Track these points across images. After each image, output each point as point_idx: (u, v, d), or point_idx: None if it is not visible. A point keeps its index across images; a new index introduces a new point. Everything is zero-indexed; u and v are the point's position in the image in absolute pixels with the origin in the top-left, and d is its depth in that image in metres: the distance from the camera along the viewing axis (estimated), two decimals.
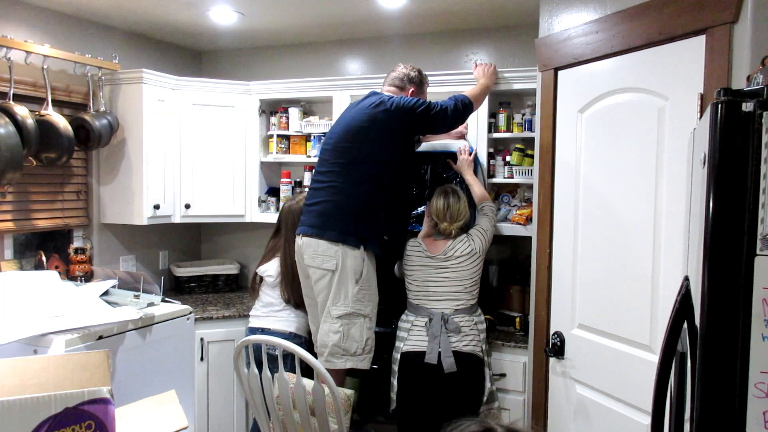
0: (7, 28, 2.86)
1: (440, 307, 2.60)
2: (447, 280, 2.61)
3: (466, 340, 2.56)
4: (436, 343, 2.54)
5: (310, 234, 2.61)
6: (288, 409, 2.40)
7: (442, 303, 2.60)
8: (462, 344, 2.55)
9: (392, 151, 2.64)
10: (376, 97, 2.66)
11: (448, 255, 2.61)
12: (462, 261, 2.60)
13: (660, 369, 1.31)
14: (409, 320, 2.65)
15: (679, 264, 1.73)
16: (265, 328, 2.89)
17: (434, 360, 2.53)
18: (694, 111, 1.77)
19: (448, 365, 2.52)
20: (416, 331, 2.61)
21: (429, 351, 2.54)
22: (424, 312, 2.61)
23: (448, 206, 2.64)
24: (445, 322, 2.56)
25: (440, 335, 2.54)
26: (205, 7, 3.09)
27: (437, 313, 2.58)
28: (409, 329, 2.62)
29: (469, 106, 2.68)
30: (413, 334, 2.61)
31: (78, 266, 3.19)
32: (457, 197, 2.66)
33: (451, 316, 2.57)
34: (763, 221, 1.01)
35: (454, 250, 2.61)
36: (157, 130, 3.28)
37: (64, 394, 1.43)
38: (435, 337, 2.55)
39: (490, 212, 2.76)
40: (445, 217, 2.64)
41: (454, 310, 2.59)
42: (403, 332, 2.65)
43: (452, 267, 2.60)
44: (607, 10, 2.14)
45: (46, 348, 2.14)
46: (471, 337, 2.58)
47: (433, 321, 2.57)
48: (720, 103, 1.04)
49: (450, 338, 2.54)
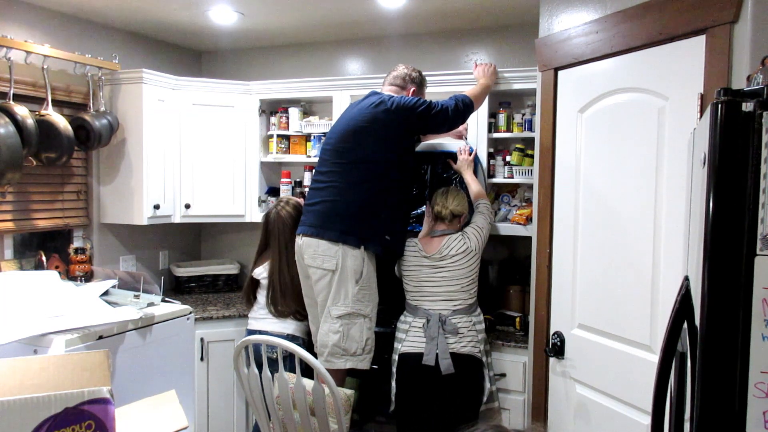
0: (7, 28, 2.86)
1: (437, 308, 2.59)
2: (443, 279, 2.60)
3: (464, 342, 2.56)
4: (433, 344, 2.54)
5: (311, 234, 2.61)
6: (288, 409, 2.40)
7: (439, 303, 2.60)
8: (460, 345, 2.55)
9: (393, 150, 2.64)
10: (376, 96, 2.66)
11: (444, 254, 2.60)
12: (458, 260, 2.60)
13: (660, 369, 1.31)
14: (407, 321, 2.65)
15: (679, 264, 1.73)
16: (263, 331, 2.88)
17: (432, 362, 2.52)
18: (694, 111, 1.77)
19: (445, 367, 2.51)
20: (414, 332, 2.60)
21: (427, 352, 2.54)
22: (422, 313, 2.61)
23: (447, 191, 2.70)
24: (443, 323, 2.55)
25: (438, 336, 2.53)
26: (205, 7, 3.09)
27: (435, 314, 2.58)
28: (407, 330, 2.62)
29: (470, 106, 2.69)
30: (411, 335, 2.60)
31: (78, 266, 3.19)
32: (457, 191, 2.73)
33: (449, 317, 2.57)
34: (763, 221, 1.01)
35: (449, 248, 2.60)
36: (157, 130, 3.28)
37: (64, 394, 1.43)
38: (432, 339, 2.54)
39: (486, 210, 2.75)
40: (443, 202, 2.67)
41: (452, 311, 2.58)
42: (401, 333, 2.65)
43: (448, 266, 2.60)
44: (607, 10, 2.14)
45: (46, 348, 2.14)
46: (469, 338, 2.57)
47: (431, 322, 2.56)
48: (720, 103, 1.04)
49: (447, 339, 2.54)
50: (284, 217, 2.93)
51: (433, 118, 2.62)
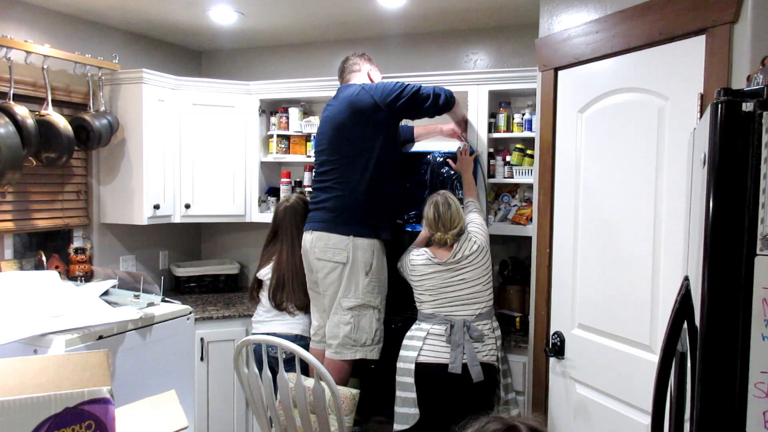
0: (7, 28, 2.86)
1: (461, 314, 2.53)
2: (464, 282, 2.56)
3: (485, 350, 2.52)
4: (459, 351, 2.47)
5: (321, 228, 2.66)
6: (288, 409, 2.40)
7: (463, 308, 2.54)
8: (482, 354, 2.51)
9: (383, 134, 2.68)
10: (351, 89, 2.73)
11: (458, 257, 2.56)
12: (473, 259, 2.57)
13: (660, 369, 1.31)
14: (423, 329, 2.56)
15: (679, 264, 1.73)
16: (271, 333, 2.84)
17: (458, 370, 2.45)
18: (694, 111, 1.77)
19: (476, 374, 2.45)
20: (433, 339, 2.51)
21: (452, 360, 2.46)
22: (441, 320, 2.54)
23: (439, 216, 2.58)
24: (468, 329, 2.50)
25: (463, 343, 2.47)
26: (205, 7, 3.09)
27: (459, 320, 2.52)
28: (424, 338, 2.52)
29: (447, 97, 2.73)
30: (429, 343, 2.51)
31: (78, 266, 3.19)
32: (447, 205, 2.59)
33: (473, 323, 2.52)
34: (763, 221, 1.01)
35: (462, 250, 2.57)
36: (157, 130, 3.28)
37: (64, 394, 1.42)
38: (458, 345, 2.47)
39: (476, 207, 2.76)
40: (438, 227, 2.58)
41: (475, 316, 2.54)
42: (415, 341, 2.55)
43: (467, 267, 2.56)
44: (607, 10, 2.14)
45: (46, 348, 2.14)
46: (490, 347, 2.54)
47: (455, 328, 2.50)
48: (720, 103, 1.04)
49: (474, 346, 2.49)
50: (294, 206, 2.96)
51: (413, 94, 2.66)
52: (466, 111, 2.98)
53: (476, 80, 2.99)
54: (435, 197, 2.64)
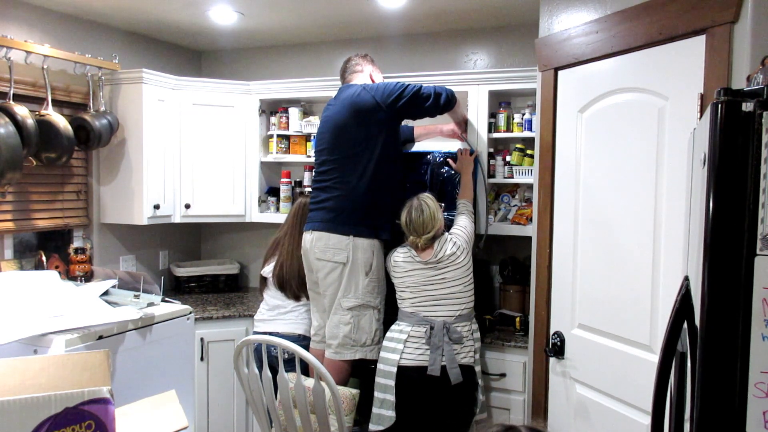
0: (7, 28, 2.86)
1: (441, 314, 2.54)
2: (445, 281, 2.57)
3: (464, 352, 2.54)
4: (438, 353, 2.48)
5: (321, 228, 2.66)
6: (288, 409, 2.40)
7: (443, 309, 2.56)
8: (460, 356, 2.52)
9: (383, 133, 2.68)
10: (352, 89, 2.73)
11: (440, 257, 2.57)
12: (454, 259, 2.58)
13: (660, 369, 1.31)
14: (403, 330, 2.56)
15: (679, 264, 1.73)
16: (273, 333, 2.85)
17: (437, 372, 2.47)
18: (694, 111, 1.77)
19: (455, 377, 2.46)
20: (413, 341, 2.53)
21: (431, 363, 2.48)
22: (421, 320, 2.56)
23: (411, 221, 2.59)
24: (447, 330, 2.51)
25: (443, 345, 2.49)
26: (205, 7, 3.09)
27: (438, 321, 2.53)
28: (405, 340, 2.53)
29: (449, 96, 2.73)
30: (410, 345, 2.52)
31: (78, 266, 3.19)
32: (420, 210, 2.59)
33: (453, 325, 2.53)
34: (763, 221, 1.01)
35: (443, 250, 2.58)
36: (157, 130, 3.28)
37: (64, 394, 1.43)
38: (437, 348, 2.49)
39: (466, 210, 2.76)
40: (411, 231, 2.60)
41: (455, 317, 2.55)
42: (395, 343, 2.55)
43: (449, 267, 2.58)
44: (607, 10, 2.14)
45: (46, 348, 2.14)
46: (468, 348, 2.56)
47: (435, 330, 2.51)
48: (720, 103, 1.04)
49: (453, 348, 2.50)
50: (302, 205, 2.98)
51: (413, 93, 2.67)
52: (466, 111, 2.98)
53: (476, 80, 2.99)
54: (411, 201, 2.64)
